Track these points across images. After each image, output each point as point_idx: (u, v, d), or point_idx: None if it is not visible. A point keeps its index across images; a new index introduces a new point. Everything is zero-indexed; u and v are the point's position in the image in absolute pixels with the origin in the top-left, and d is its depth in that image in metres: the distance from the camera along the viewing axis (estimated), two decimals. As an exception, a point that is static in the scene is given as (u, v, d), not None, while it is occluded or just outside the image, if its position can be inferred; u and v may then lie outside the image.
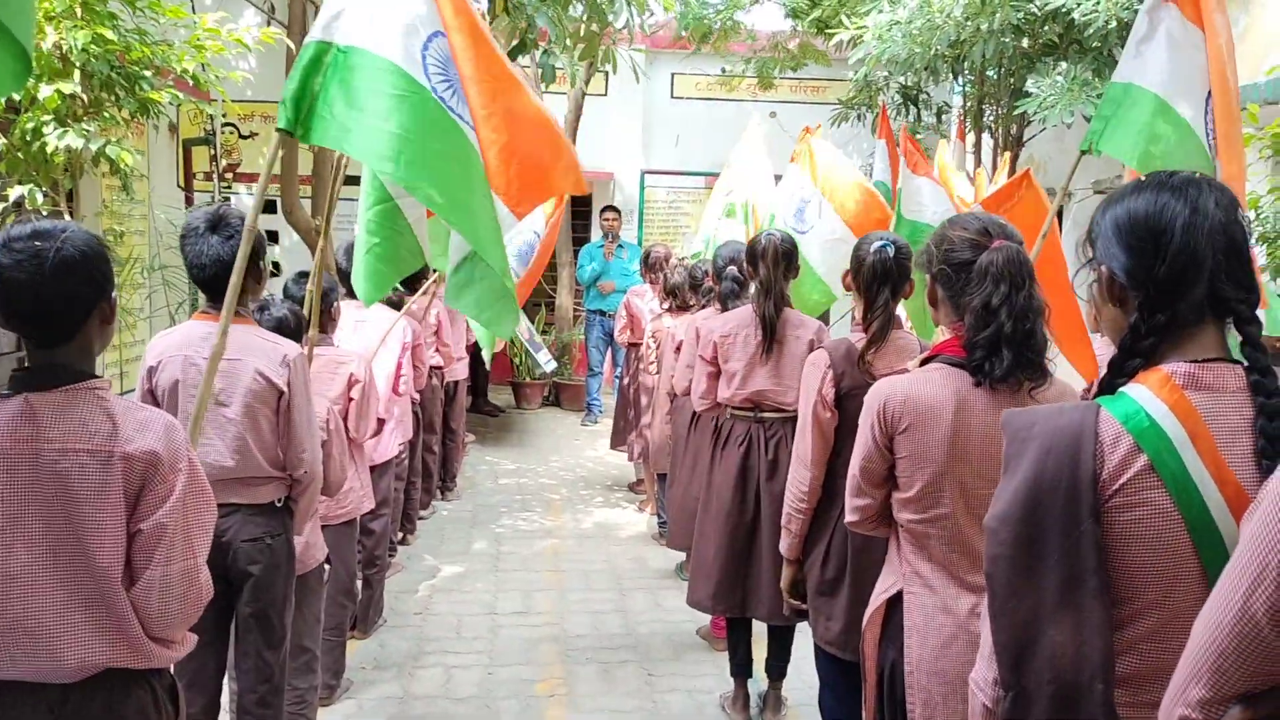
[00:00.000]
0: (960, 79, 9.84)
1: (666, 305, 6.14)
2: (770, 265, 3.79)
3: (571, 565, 5.87)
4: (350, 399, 3.96)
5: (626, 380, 7.33)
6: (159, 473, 1.79)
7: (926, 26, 7.55)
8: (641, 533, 6.54)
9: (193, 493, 1.84)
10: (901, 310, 3.35)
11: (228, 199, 8.54)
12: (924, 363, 2.39)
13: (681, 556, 5.74)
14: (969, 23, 7.19)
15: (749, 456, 3.90)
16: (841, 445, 3.06)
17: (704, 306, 5.28)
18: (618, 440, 7.49)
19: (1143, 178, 1.64)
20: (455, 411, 7.15)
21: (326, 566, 3.63)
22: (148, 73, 4.27)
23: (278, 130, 2.44)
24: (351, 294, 4.63)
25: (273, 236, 8.86)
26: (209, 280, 2.84)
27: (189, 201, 7.09)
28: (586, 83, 10.40)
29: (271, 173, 2.45)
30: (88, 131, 4.07)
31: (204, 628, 2.90)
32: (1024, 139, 10.12)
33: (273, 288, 5.84)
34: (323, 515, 3.82)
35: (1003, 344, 2.22)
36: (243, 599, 2.94)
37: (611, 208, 10.26)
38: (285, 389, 2.88)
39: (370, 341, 4.57)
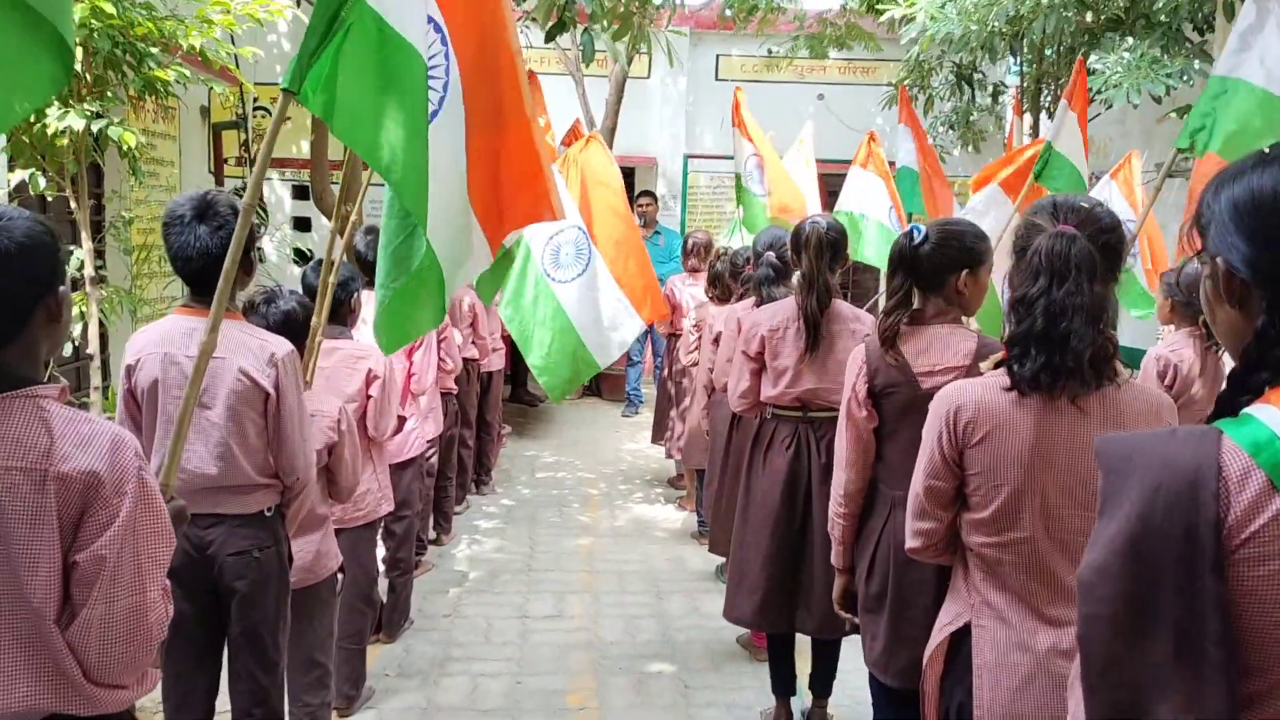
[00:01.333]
0: (1018, 57, 9.43)
1: (710, 294, 5.86)
2: (813, 256, 3.50)
3: (607, 566, 5.64)
4: (369, 396, 3.75)
5: (665, 372, 7.07)
6: (100, 496, 1.55)
7: (983, 2, 7.18)
8: (679, 531, 6.28)
9: (143, 519, 1.60)
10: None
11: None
12: (1000, 364, 2.11)
13: (721, 559, 5.50)
14: (1030, -5, 6.79)
15: (797, 459, 3.62)
16: (882, 448, 2.79)
17: (744, 296, 5.01)
18: (659, 433, 7.24)
19: (1266, 149, 1.34)
20: (491, 403, 6.94)
21: (341, 575, 3.42)
22: (155, 49, 4.05)
23: (281, 89, 2.20)
24: (373, 283, 4.42)
25: (304, 224, 8.73)
26: (195, 273, 2.61)
27: (220, 186, 6.94)
28: (629, 63, 10.11)
29: (275, 139, 2.18)
30: (89, 112, 3.88)
31: (193, 646, 2.71)
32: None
33: (292, 278, 5.64)
34: (338, 519, 3.62)
35: (1032, 344, 1.97)
36: (232, 617, 2.73)
37: (647, 193, 9.99)
38: (272, 391, 2.65)
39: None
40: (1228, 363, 1.35)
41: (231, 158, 8.11)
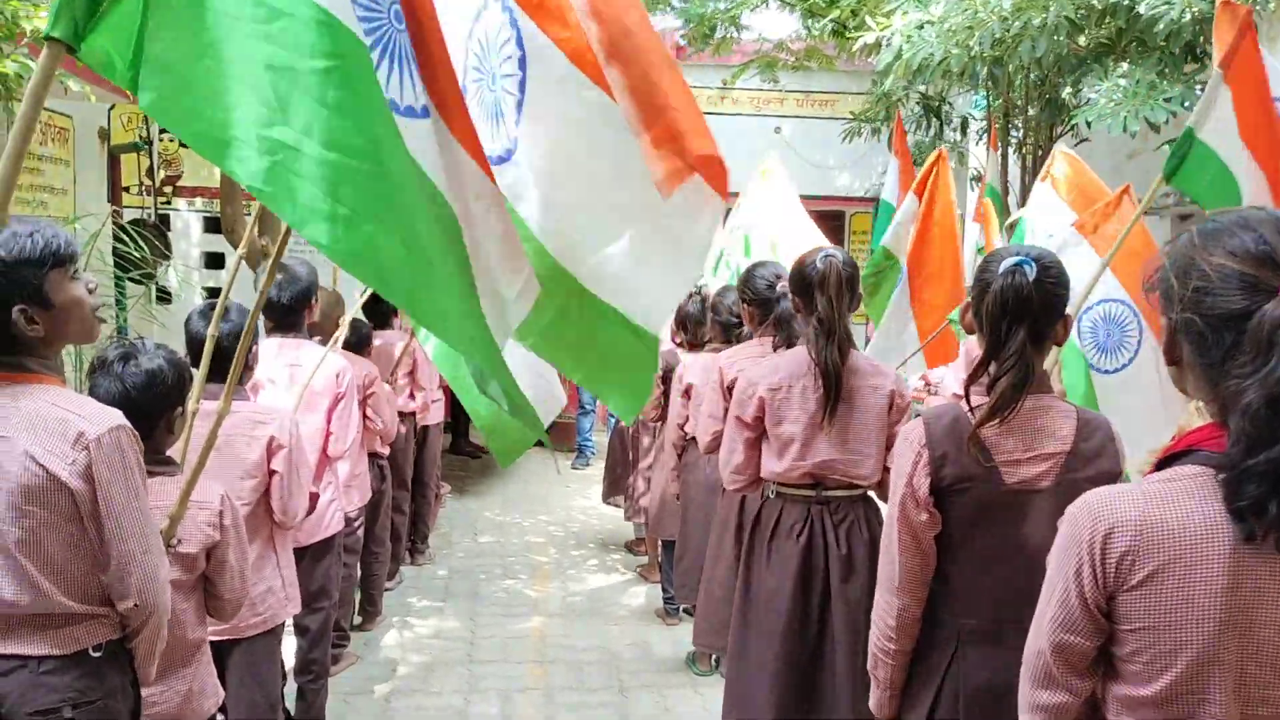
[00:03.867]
0: (985, 90, 8.99)
1: (677, 339, 5.19)
2: (833, 295, 2.83)
3: (560, 654, 4.87)
4: (273, 471, 2.98)
5: (622, 422, 6.35)
6: None
7: (964, 24, 6.69)
8: (643, 609, 5.54)
9: None
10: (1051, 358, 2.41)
11: (166, 216, 7.54)
12: (1163, 463, 1.43)
13: (688, 640, 4.77)
14: (1017, 17, 6.29)
15: (811, 550, 2.92)
16: (946, 563, 2.10)
17: (708, 342, 4.34)
18: (612, 490, 6.51)
19: None
20: (427, 461, 6.15)
21: (220, 717, 2.63)
22: (-11, 34, 3.28)
23: (46, 38, 1.48)
24: (281, 328, 3.66)
25: (216, 260, 7.86)
26: None
27: (118, 217, 6.11)
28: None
29: (38, 104, 1.46)
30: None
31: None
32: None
33: (176, 321, 4.74)
34: (226, 630, 2.84)
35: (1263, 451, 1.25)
36: None
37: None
38: (81, 485, 1.87)
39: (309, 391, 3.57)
40: None
41: (133, 185, 7.25)
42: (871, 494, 3.04)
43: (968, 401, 2.05)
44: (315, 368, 3.48)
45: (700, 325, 4.99)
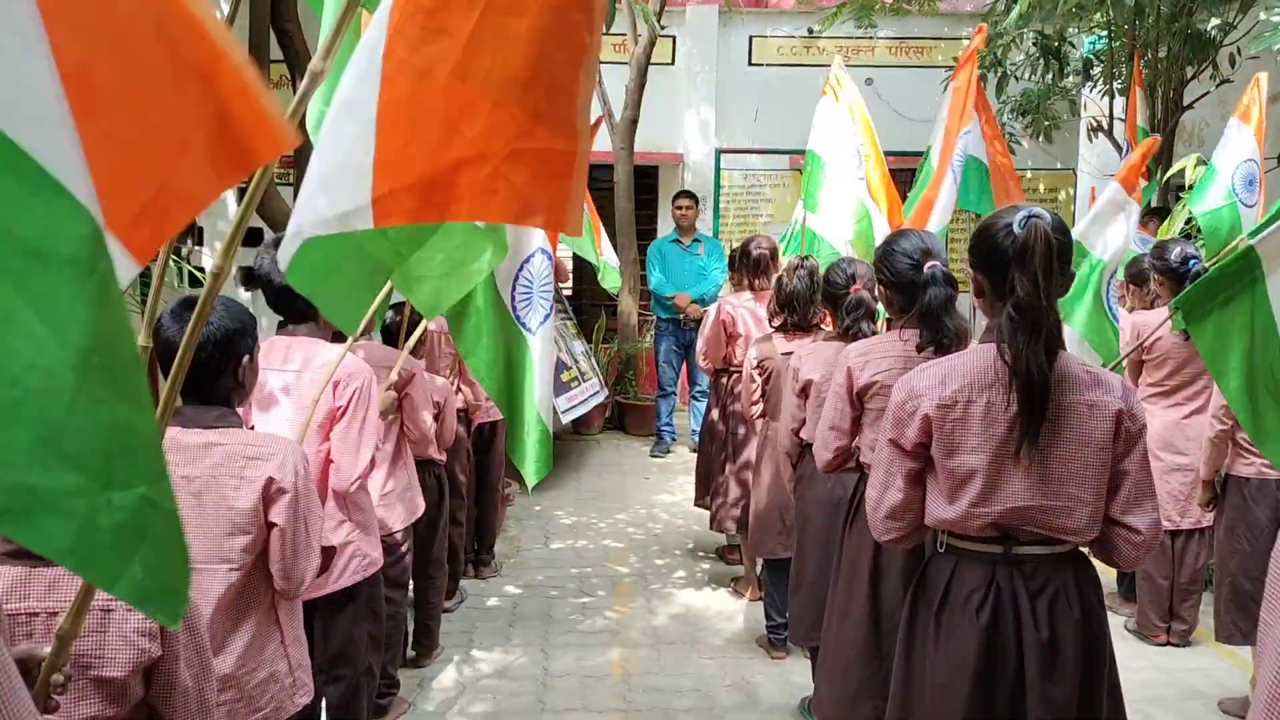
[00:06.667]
0: (1114, 23, 7.91)
1: (778, 322, 4.35)
2: (1040, 272, 1.99)
3: (648, 698, 4.11)
4: (271, 524, 2.25)
5: (715, 414, 5.55)
6: None
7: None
8: (742, 635, 4.75)
9: None
10: None
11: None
12: None
13: (799, 680, 4.01)
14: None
15: (997, 630, 2.10)
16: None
17: (851, 334, 3.50)
18: (704, 490, 5.72)
19: None
20: (493, 461, 5.43)
21: None
22: None
23: None
24: (291, 321, 2.94)
25: (253, 236, 7.17)
26: None
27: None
28: (651, 45, 8.63)
29: None
30: None
31: None
32: (1184, 103, 8.17)
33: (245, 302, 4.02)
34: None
35: None
36: None
37: (686, 193, 8.50)
38: None
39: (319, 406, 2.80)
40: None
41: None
42: (1085, 551, 2.20)
43: None
44: (329, 374, 2.72)
45: (811, 304, 4.15)
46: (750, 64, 10.44)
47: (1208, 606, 4.45)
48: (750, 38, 10.45)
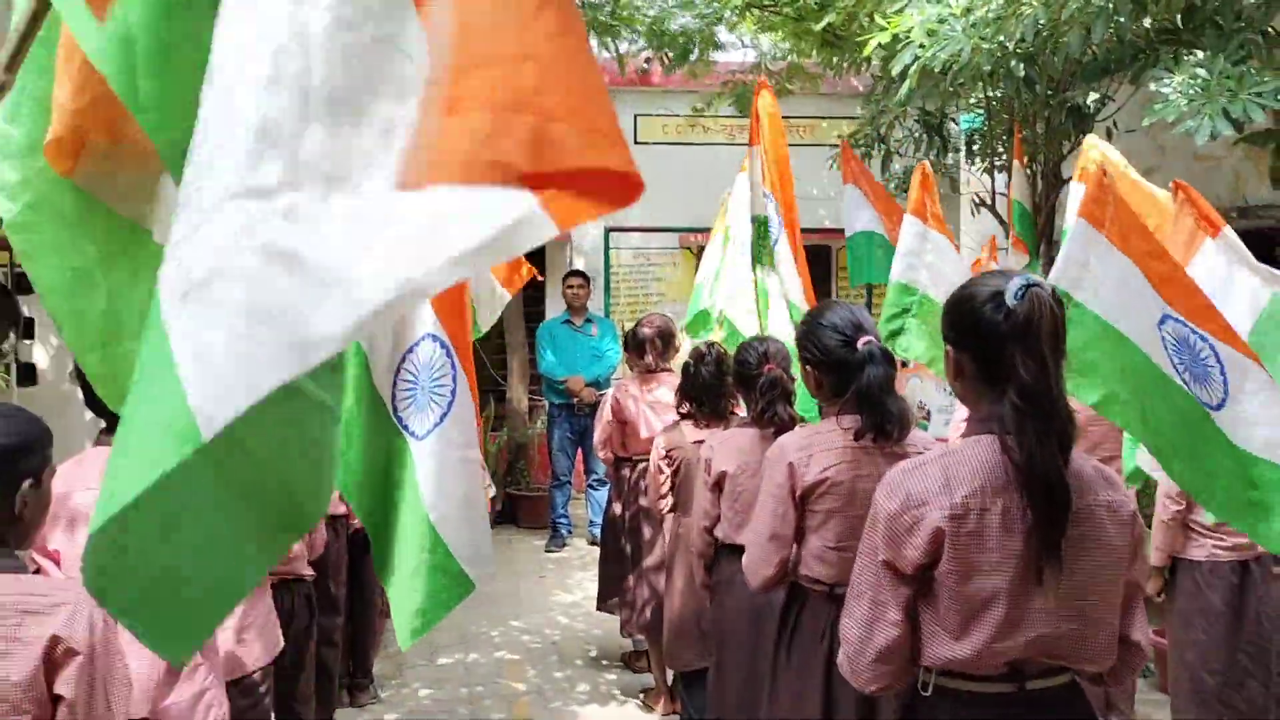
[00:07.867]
0: (995, 98, 7.97)
1: (685, 409, 3.97)
2: (1046, 352, 1.63)
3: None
4: (58, 699, 1.70)
5: (618, 509, 5.10)
6: None
7: (995, 15, 5.62)
8: (656, 757, 4.26)
9: None
10: None
11: (22, 275, 6.20)
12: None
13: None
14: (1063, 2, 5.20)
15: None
16: None
17: (766, 418, 3.12)
18: (608, 593, 5.22)
19: None
20: (367, 572, 4.85)
21: None
22: None
23: None
24: (111, 429, 2.40)
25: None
26: None
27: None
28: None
29: None
30: None
31: None
32: (1063, 176, 8.28)
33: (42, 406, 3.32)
34: None
35: None
36: None
37: (578, 273, 8.18)
38: None
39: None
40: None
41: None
42: (1079, 682, 1.82)
43: None
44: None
45: (721, 393, 3.78)
46: (636, 142, 10.28)
47: (1144, 695, 4.17)
48: (635, 116, 10.34)
